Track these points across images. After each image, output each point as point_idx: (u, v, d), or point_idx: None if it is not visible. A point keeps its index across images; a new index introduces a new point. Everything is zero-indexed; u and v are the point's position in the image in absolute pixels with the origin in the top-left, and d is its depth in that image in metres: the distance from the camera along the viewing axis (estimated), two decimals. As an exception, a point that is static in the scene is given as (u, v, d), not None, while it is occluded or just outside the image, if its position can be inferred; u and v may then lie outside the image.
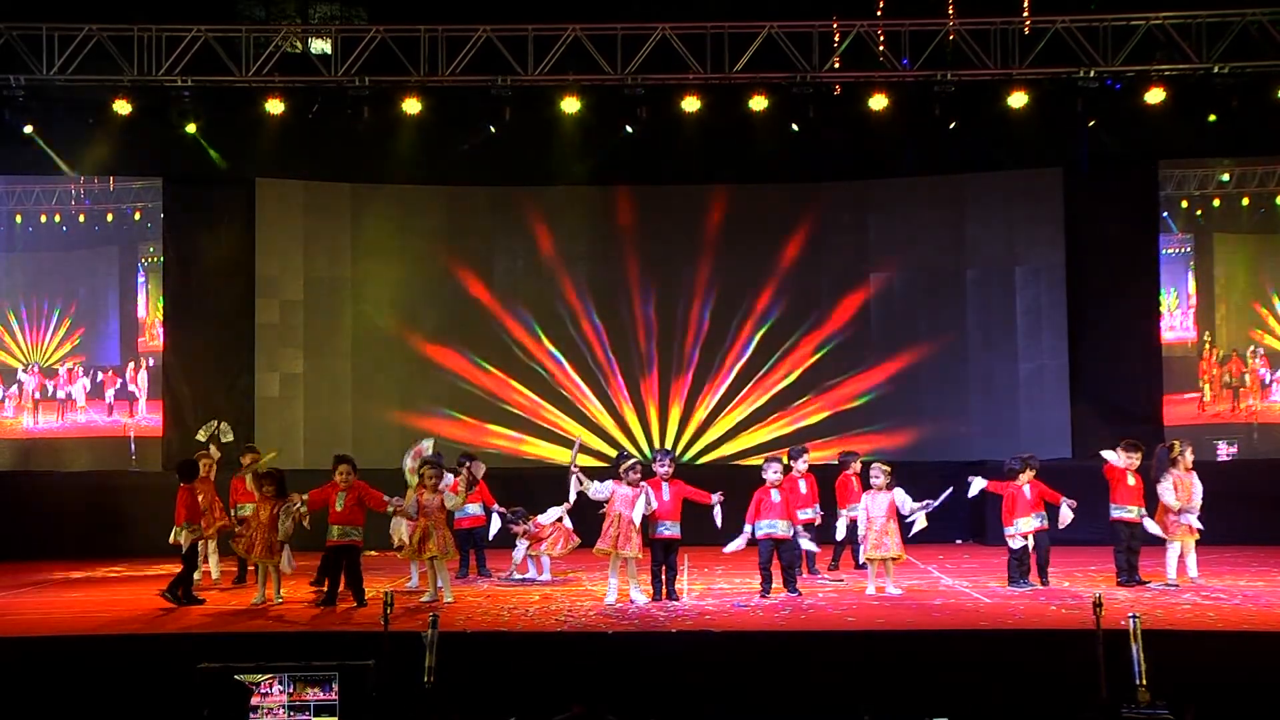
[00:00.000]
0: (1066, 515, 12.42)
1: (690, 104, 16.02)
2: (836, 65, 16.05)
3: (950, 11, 17.27)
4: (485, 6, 16.00)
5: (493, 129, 16.47)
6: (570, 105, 16.08)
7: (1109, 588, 12.27)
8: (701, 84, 15.91)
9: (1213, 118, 16.02)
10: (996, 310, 17.70)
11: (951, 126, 16.39)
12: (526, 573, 13.51)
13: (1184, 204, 17.54)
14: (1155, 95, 15.74)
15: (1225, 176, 17.51)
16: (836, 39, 16.02)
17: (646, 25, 15.71)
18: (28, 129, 16.07)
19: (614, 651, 10.05)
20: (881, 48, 16.12)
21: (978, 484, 12.61)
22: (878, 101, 15.99)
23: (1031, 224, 17.64)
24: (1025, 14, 16.54)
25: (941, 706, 8.76)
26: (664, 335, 18.01)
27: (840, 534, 13.24)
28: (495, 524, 13.62)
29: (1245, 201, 17.48)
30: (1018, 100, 15.88)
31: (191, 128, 16.39)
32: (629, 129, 16.58)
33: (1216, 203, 17.55)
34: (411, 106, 16.06)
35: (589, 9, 15.96)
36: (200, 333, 17.42)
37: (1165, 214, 17.42)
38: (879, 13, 17.26)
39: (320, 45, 16.56)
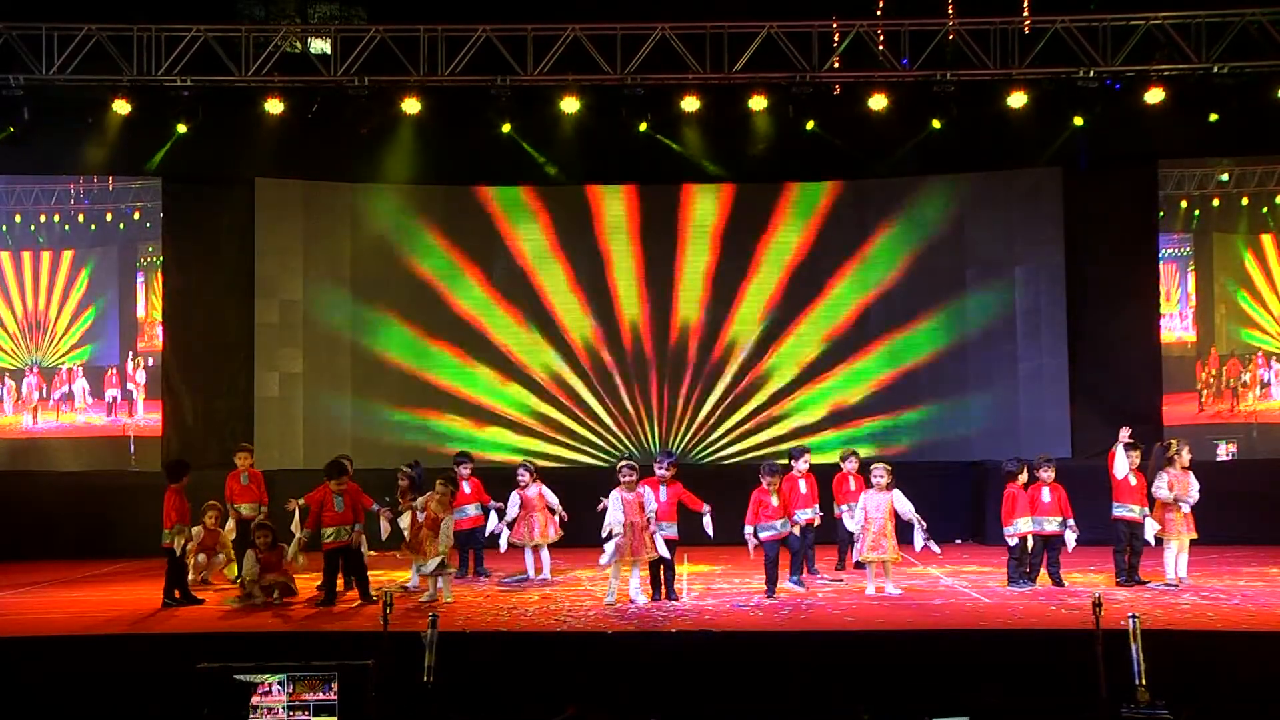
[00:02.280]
0: (1070, 540, 12.44)
1: (690, 104, 16.03)
2: (836, 65, 16.05)
3: (950, 11, 17.29)
4: (485, 6, 15.99)
5: (506, 128, 16.48)
6: (570, 105, 16.08)
7: (1109, 588, 12.28)
8: (701, 84, 15.91)
9: (1213, 117, 16.02)
10: (996, 310, 17.70)
11: (939, 126, 16.37)
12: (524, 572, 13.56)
13: (1183, 204, 17.53)
14: (1155, 95, 15.75)
15: (1225, 176, 17.50)
16: (836, 39, 16.02)
17: (646, 25, 15.71)
18: (10, 129, 16.01)
19: (614, 651, 10.06)
20: (881, 47, 16.12)
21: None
22: (877, 101, 15.99)
23: (1031, 224, 17.62)
24: (1025, 14, 16.56)
25: (941, 706, 8.76)
26: (663, 335, 18.00)
27: (853, 528, 12.96)
28: (492, 522, 13.63)
29: (1245, 201, 17.47)
30: (1017, 100, 15.88)
31: (182, 127, 16.30)
32: (631, 128, 16.57)
33: (1216, 203, 17.54)
34: (411, 106, 16.07)
35: (589, 9, 15.95)
36: (200, 333, 17.39)
37: (1163, 214, 17.42)
38: (879, 13, 17.28)
39: (320, 45, 16.55)
